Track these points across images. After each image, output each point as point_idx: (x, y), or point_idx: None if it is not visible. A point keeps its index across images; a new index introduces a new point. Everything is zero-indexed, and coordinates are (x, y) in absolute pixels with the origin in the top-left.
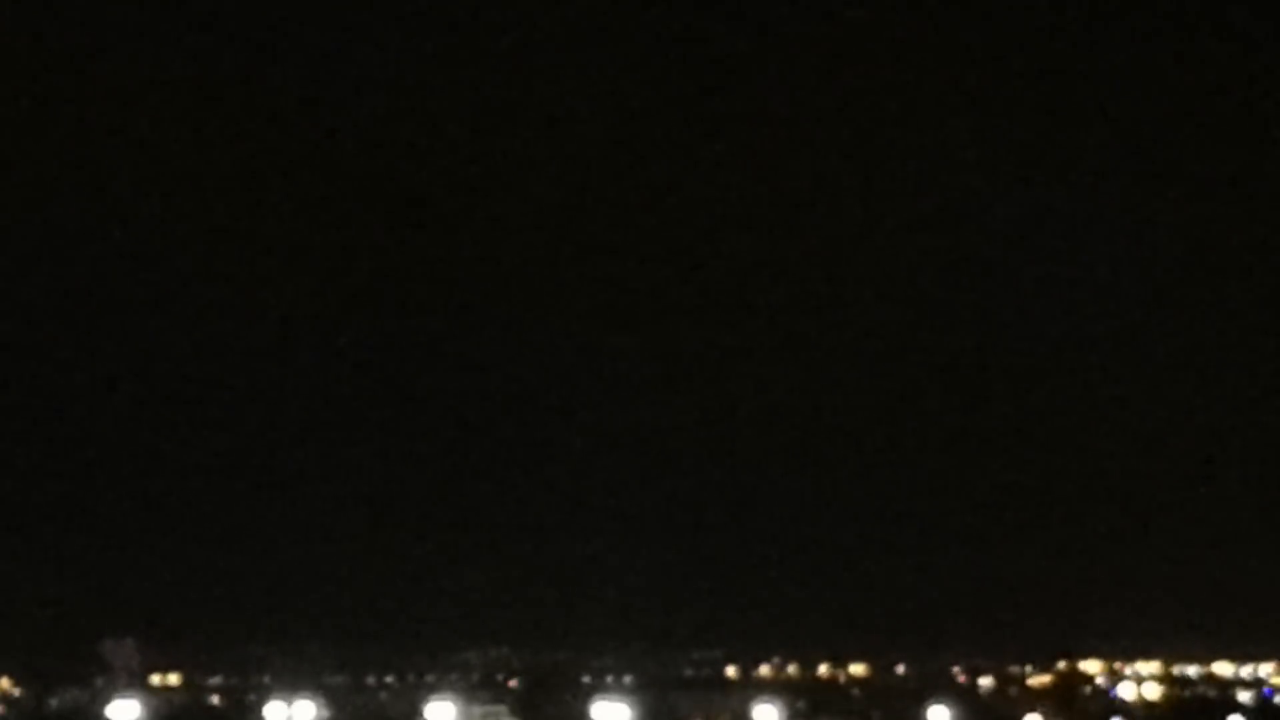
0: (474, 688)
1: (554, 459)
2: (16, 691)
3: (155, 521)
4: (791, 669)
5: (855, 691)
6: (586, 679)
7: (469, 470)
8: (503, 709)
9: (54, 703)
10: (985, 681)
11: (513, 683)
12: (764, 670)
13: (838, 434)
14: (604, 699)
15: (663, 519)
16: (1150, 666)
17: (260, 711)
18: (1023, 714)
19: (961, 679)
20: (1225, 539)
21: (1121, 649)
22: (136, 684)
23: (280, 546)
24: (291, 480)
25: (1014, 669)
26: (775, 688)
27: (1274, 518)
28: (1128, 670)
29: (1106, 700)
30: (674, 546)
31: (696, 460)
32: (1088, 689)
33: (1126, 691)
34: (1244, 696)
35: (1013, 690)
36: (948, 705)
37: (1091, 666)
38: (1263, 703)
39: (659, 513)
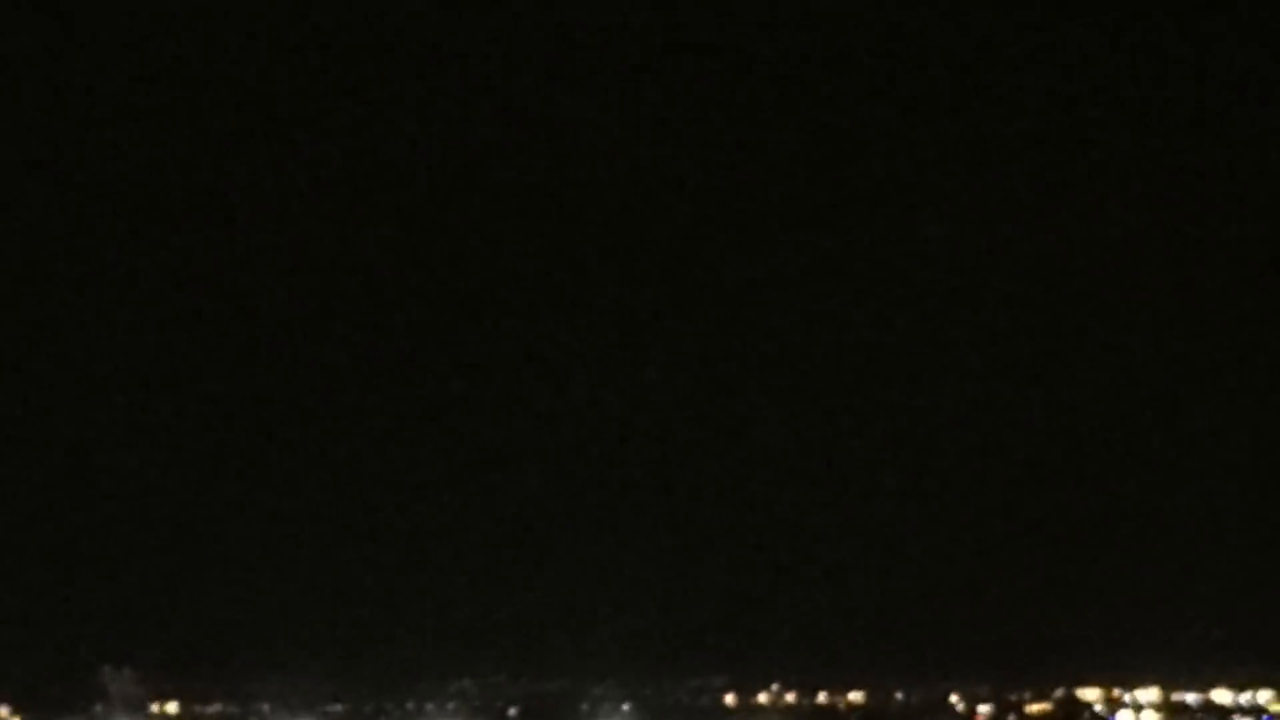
0: (472, 715)
1: (551, 486)
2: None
3: (155, 549)
4: (790, 696)
5: (854, 719)
6: (585, 706)
7: (466, 497)
8: None
9: None
10: (984, 709)
11: (511, 710)
12: (762, 698)
13: (836, 462)
14: None
15: (660, 546)
16: (1149, 694)
17: None
18: None
19: (960, 707)
20: (1224, 565)
21: (1120, 676)
22: (135, 712)
23: (279, 575)
24: (289, 509)
25: (1012, 696)
26: (774, 715)
27: (1273, 544)
28: (1126, 698)
29: None
30: (672, 574)
31: (694, 487)
32: (1086, 716)
33: (1125, 719)
34: None
35: (1011, 718)
36: None
37: (1090, 694)
38: None
39: (657, 540)
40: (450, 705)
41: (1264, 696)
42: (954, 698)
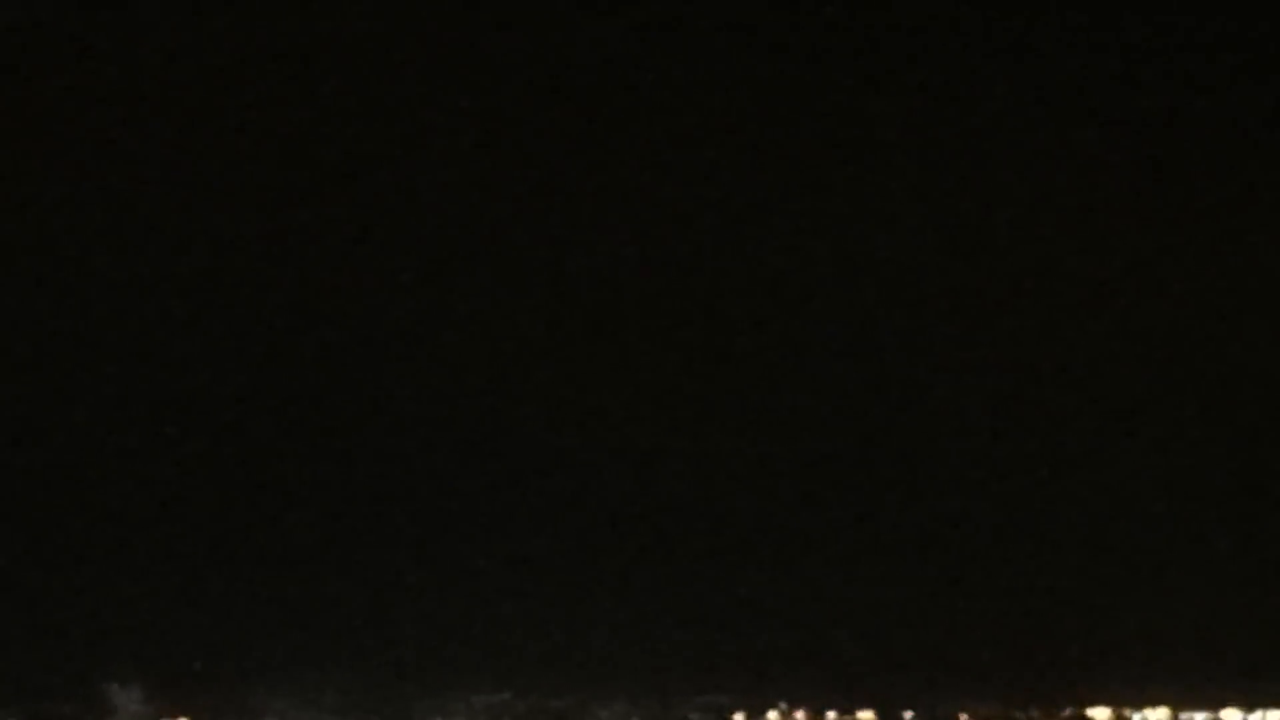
0: None
1: (558, 502)
2: None
3: (162, 563)
4: (799, 715)
5: None
6: None
7: (471, 512)
8: None
9: None
10: None
11: None
12: (771, 716)
13: (843, 477)
14: None
15: (669, 562)
16: (1159, 714)
17: None
18: None
19: None
20: (1234, 584)
21: (1129, 696)
22: None
23: (287, 589)
24: (297, 523)
25: (1020, 715)
26: None
27: None
28: (1135, 716)
29: None
30: (680, 590)
31: (703, 503)
32: None
33: None
34: None
35: None
36: None
37: (1099, 714)
38: None
39: (665, 556)
40: None
41: (1274, 716)
42: (963, 717)
